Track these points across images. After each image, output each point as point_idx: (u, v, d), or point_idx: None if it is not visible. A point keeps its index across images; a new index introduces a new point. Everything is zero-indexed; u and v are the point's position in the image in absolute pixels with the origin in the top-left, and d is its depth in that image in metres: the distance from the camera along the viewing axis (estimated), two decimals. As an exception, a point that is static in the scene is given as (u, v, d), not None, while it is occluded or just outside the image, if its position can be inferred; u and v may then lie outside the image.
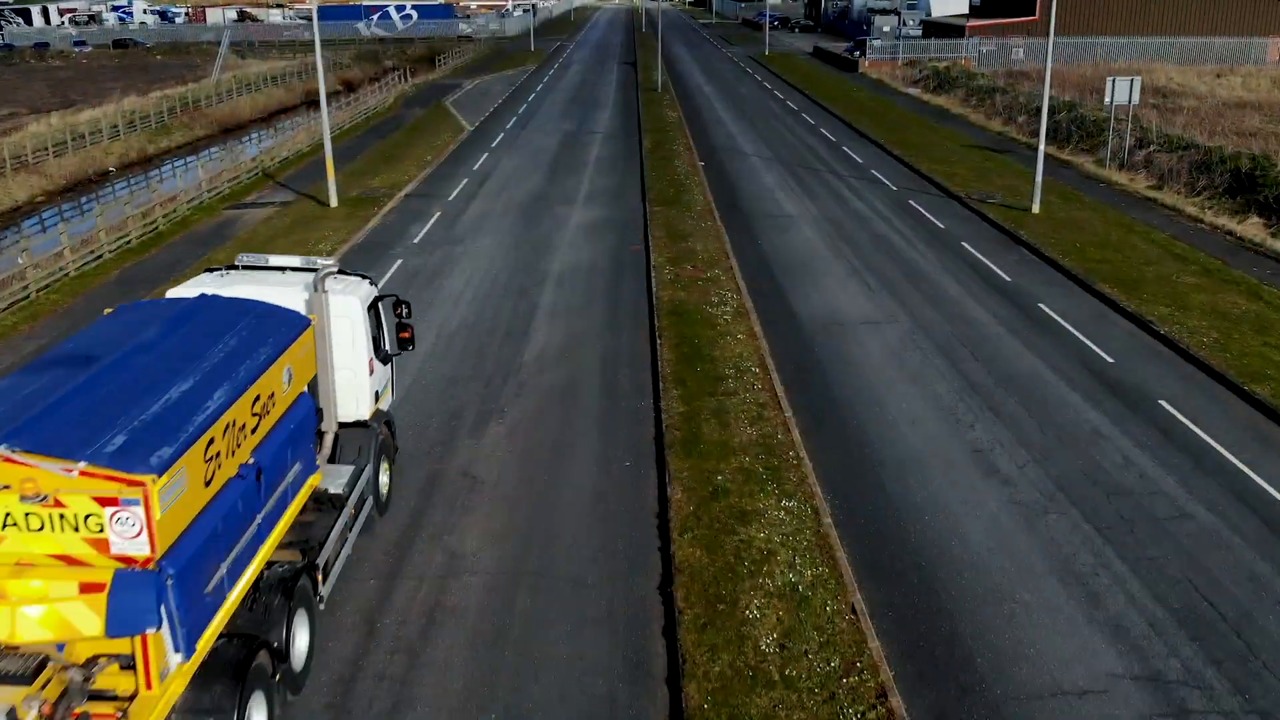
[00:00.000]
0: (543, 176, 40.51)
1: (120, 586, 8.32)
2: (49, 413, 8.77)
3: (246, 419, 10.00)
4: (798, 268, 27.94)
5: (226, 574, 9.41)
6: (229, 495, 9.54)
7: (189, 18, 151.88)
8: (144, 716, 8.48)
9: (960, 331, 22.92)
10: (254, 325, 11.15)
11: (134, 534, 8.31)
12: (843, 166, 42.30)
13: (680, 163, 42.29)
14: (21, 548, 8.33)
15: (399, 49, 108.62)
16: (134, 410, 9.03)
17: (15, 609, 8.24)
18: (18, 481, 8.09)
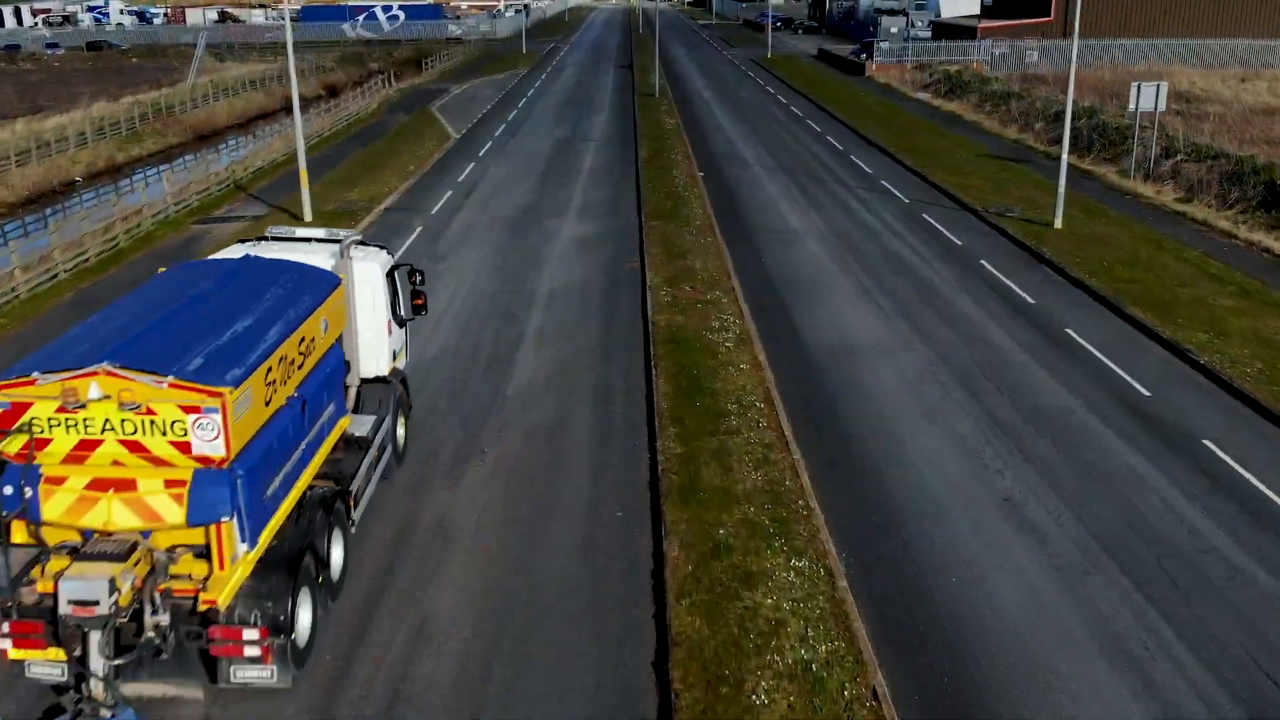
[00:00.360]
0: (532, 187, 39.51)
1: (199, 482, 10.38)
2: (137, 339, 10.99)
3: (295, 355, 12.22)
4: (804, 287, 26.89)
5: (280, 485, 11.51)
6: (282, 419, 11.71)
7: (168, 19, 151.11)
8: (218, 592, 10.51)
9: (982, 359, 21.85)
10: (295, 280, 13.45)
11: (212, 438, 10.39)
12: (851, 176, 41.32)
13: (678, 172, 41.31)
14: (117, 449, 10.42)
15: (385, 51, 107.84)
16: (207, 340, 11.27)
17: (111, 501, 10.36)
18: (117, 392, 10.17)
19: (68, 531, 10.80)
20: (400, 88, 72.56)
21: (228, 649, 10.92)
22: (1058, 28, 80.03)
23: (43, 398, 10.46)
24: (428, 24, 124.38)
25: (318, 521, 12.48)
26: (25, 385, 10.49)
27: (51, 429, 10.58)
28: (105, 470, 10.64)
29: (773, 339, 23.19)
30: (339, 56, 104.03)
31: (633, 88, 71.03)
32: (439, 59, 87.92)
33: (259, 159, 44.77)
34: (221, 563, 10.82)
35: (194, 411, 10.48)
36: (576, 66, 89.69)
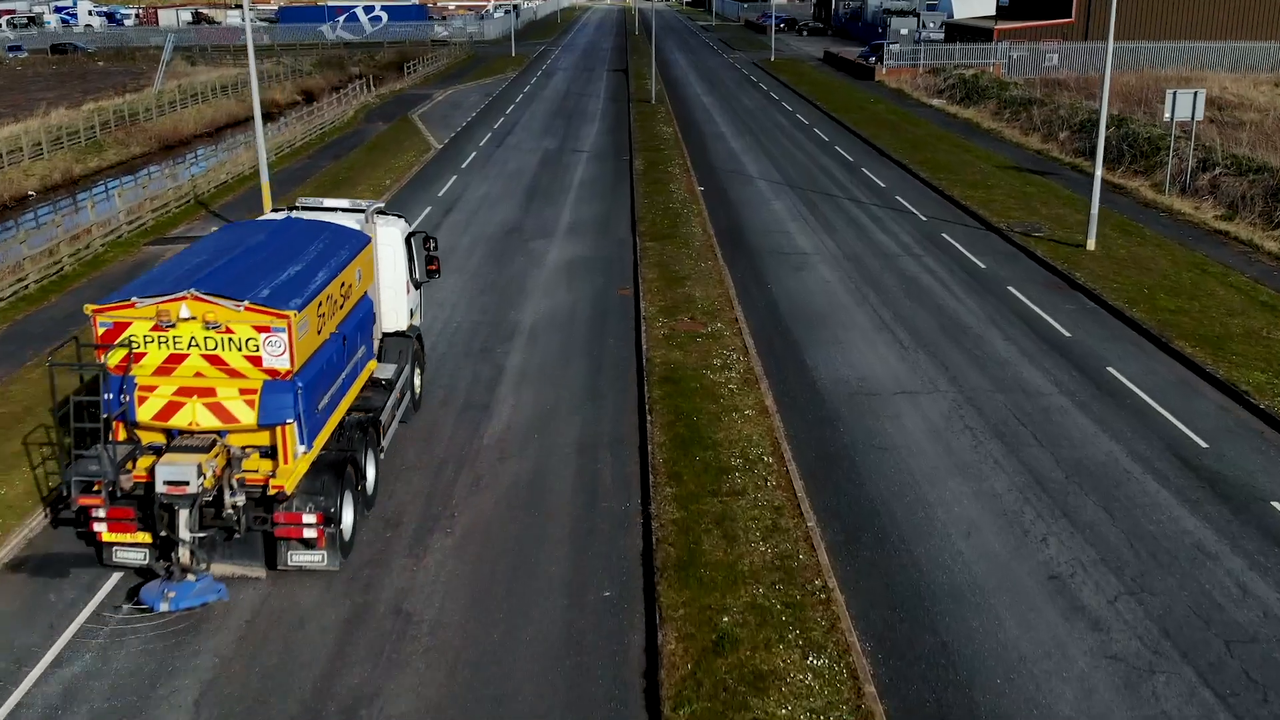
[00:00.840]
0: (518, 204, 38.13)
1: (268, 391, 12.93)
2: (215, 274, 13.62)
3: (337, 296, 14.91)
4: (815, 319, 25.47)
5: (328, 402, 14.21)
6: (328, 348, 14.40)
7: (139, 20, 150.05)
8: (285, 480, 13.18)
9: (1016, 404, 20.41)
10: (333, 236, 16.34)
11: (279, 353, 12.98)
12: (863, 192, 39.98)
13: (676, 187, 39.96)
14: (200, 363, 12.98)
15: (366, 54, 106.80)
16: (270, 277, 13.90)
17: (195, 405, 12.87)
18: (201, 314, 12.74)
19: (155, 434, 13.60)
20: (380, 93, 71.31)
21: (288, 531, 13.69)
22: (1079, 29, 78.94)
23: (139, 318, 13.20)
24: (412, 26, 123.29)
25: (356, 440, 15.34)
26: (126, 308, 13.28)
27: (146, 345, 13.33)
28: (189, 380, 13.37)
29: (781, 379, 21.75)
30: (317, 60, 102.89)
31: (627, 94, 69.82)
32: (422, 63, 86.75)
33: (224, 171, 43.38)
34: (285, 458, 13.53)
35: (265, 331, 13.20)
36: (568, 71, 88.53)
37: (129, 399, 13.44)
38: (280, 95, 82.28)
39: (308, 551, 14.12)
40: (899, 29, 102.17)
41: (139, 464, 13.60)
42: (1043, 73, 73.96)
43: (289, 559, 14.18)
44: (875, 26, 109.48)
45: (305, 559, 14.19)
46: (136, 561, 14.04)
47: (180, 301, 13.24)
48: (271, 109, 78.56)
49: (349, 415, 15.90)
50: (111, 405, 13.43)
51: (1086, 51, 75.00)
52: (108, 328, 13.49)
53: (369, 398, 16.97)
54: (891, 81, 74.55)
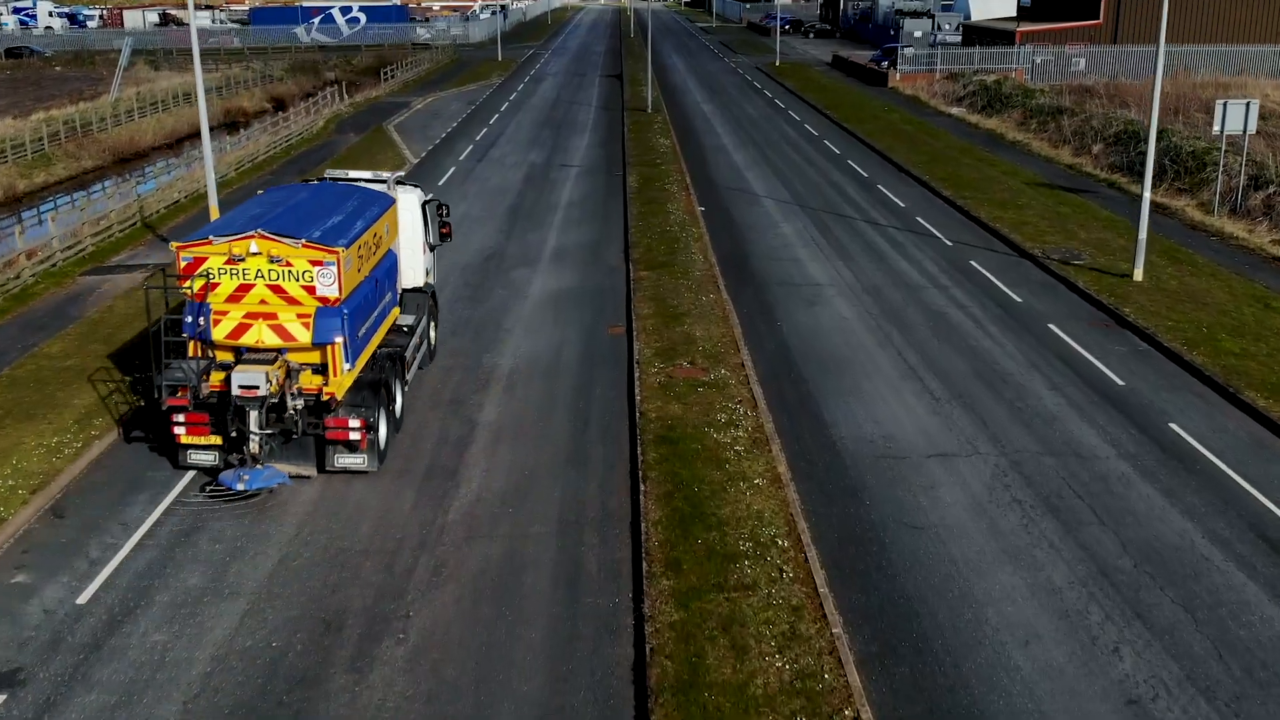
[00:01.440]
0: (498, 227, 36.34)
1: (321, 314, 16.73)
2: (275, 219, 17.36)
3: (371, 244, 18.41)
4: (832, 363, 23.62)
5: (366, 330, 17.79)
6: (365, 286, 17.98)
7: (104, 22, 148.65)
8: (334, 388, 16.94)
9: (1069, 470, 18.55)
10: (364, 196, 20.17)
11: (330, 284, 16.66)
12: (880, 212, 38.21)
13: (674, 207, 38.19)
14: (264, 291, 16.69)
15: (343, 58, 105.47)
16: (319, 222, 17.65)
17: (261, 326, 16.69)
18: (267, 250, 16.45)
19: (225, 354, 17.02)
20: (354, 101, 69.64)
21: (337, 434, 17.01)
22: (1106, 31, 77.50)
23: (215, 254, 16.57)
24: (392, 27, 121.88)
25: (387, 368, 18.75)
26: (204, 245, 16.73)
27: (220, 276, 16.67)
28: (256, 306, 16.75)
29: (795, 439, 19.88)
30: (290, 64, 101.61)
31: (621, 102, 68.20)
32: (401, 67, 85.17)
33: (178, 189, 41.52)
34: (335, 371, 16.91)
35: (318, 264, 16.54)
36: (558, 77, 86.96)
37: (205, 322, 17.09)
38: (249, 103, 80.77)
39: (351, 454, 17.74)
40: (912, 31, 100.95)
41: (213, 377, 17.23)
42: (1068, 78, 72.50)
43: (335, 461, 17.80)
44: (887, 28, 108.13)
45: (349, 461, 17.79)
46: (207, 463, 17.80)
47: (250, 239, 16.85)
48: (239, 118, 77.20)
49: (380, 349, 19.57)
50: (191, 327, 17.17)
51: (1115, 55, 73.56)
52: (189, 261, 17.17)
53: (394, 339, 20.40)
54: (906, 88, 73.01)
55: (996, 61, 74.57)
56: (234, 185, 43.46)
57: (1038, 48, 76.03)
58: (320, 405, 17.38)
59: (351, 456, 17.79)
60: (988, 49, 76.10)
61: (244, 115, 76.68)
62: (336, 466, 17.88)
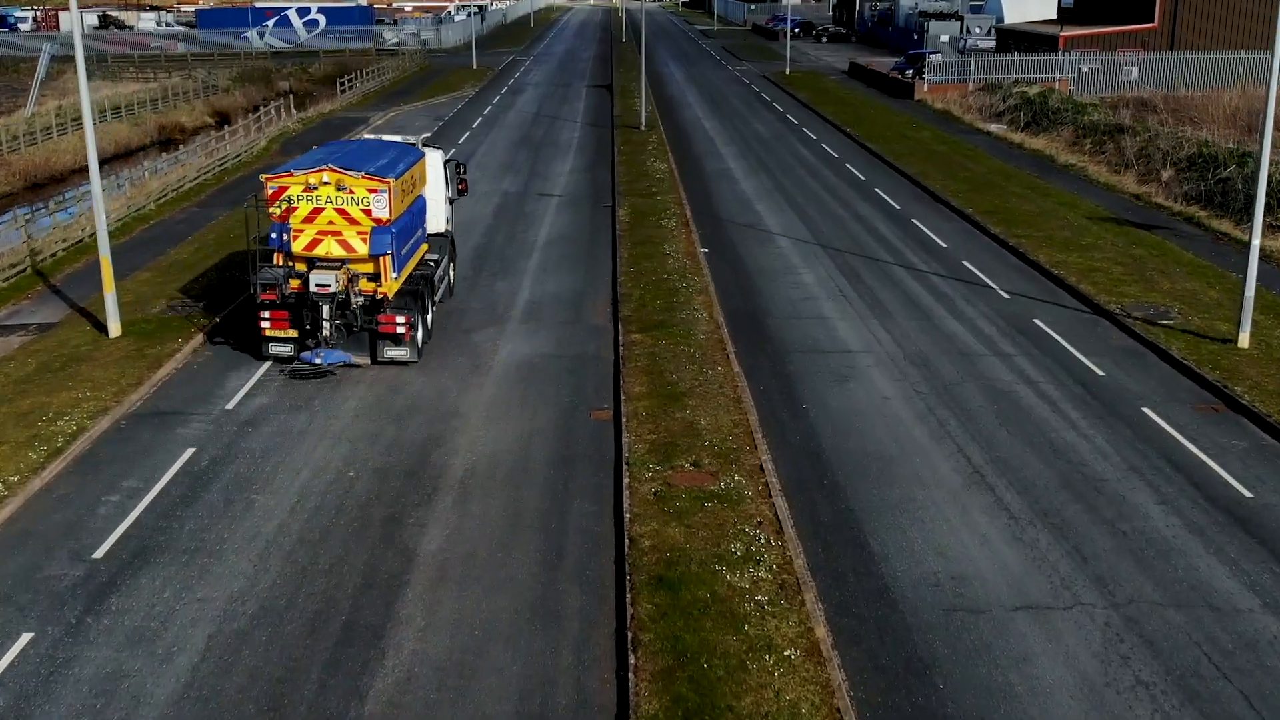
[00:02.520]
0: (460, 275, 33.01)
1: (376, 232, 22.99)
2: (340, 158, 23.99)
3: (408, 183, 25.10)
4: (876, 465, 20.25)
5: (406, 251, 24.61)
6: (405, 217, 24.59)
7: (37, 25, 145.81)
8: (387, 288, 23.40)
9: (1204, 631, 15.15)
10: (402, 148, 27.16)
11: (383, 208, 22.80)
12: (918, 254, 34.97)
13: (673, 248, 34.93)
14: (332, 214, 22.96)
15: (299, 66, 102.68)
16: (372, 161, 24.30)
17: (330, 240, 23.00)
18: (335, 180, 22.63)
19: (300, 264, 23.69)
20: (305, 117, 66.49)
21: (387, 328, 23.85)
22: (1162, 36, 74.79)
23: (294, 183, 23.23)
24: (355, 31, 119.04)
25: (421, 285, 25.54)
26: (287, 177, 23.39)
27: (297, 201, 23.26)
28: (325, 225, 23.44)
29: (836, 583, 16.47)
30: (238, 73, 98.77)
31: (611, 118, 65.14)
32: (363, 77, 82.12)
33: (83, 227, 38.03)
34: (385, 278, 23.63)
35: (374, 192, 23.15)
36: (540, 87, 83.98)
37: (287, 237, 23.34)
38: (187, 118, 77.81)
39: (397, 347, 24.31)
40: (939, 35, 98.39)
41: (292, 282, 23.48)
42: (1119, 89, 69.77)
43: (383, 353, 24.41)
44: (909, 32, 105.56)
45: (395, 353, 24.40)
46: (285, 352, 24.23)
47: (322, 172, 23.06)
48: (175, 134, 74.10)
49: (415, 271, 25.96)
50: (276, 241, 23.46)
51: (1174, 63, 70.78)
52: (274, 190, 23.33)
53: (424, 268, 26.65)
54: (935, 101, 70.13)
55: (1038, 70, 71.77)
56: (151, 219, 40.20)
57: (1084, 54, 73.30)
58: (374, 304, 24.08)
59: (397, 349, 24.61)
60: (1027, 56, 73.29)
61: (181, 132, 73.65)
62: (385, 358, 24.73)
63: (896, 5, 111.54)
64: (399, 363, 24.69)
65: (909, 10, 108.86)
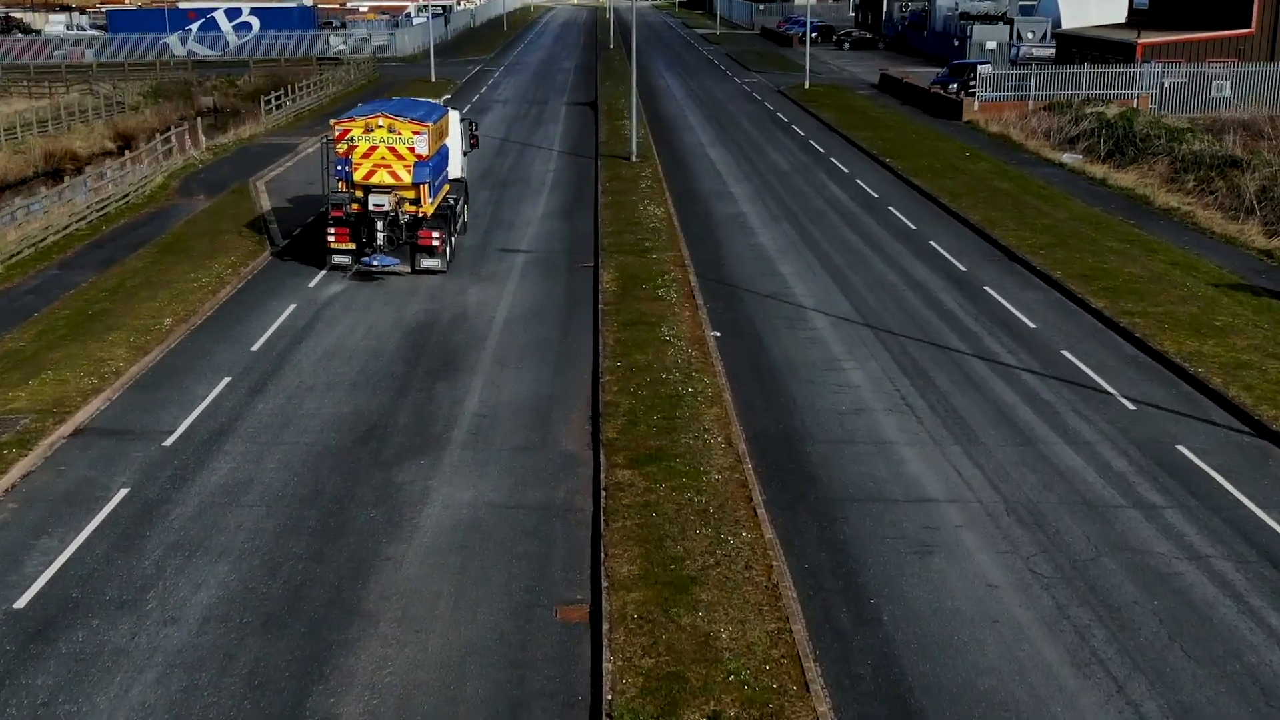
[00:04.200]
0: (387, 373, 27.77)
1: (418, 165, 34.23)
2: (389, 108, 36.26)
3: (438, 131, 36.56)
4: (993, 715, 14.85)
5: (438, 183, 36.38)
6: (436, 158, 35.97)
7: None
8: (426, 209, 34.73)
9: None
10: (431, 104, 39.93)
11: (423, 146, 34.10)
12: (1001, 339, 29.83)
13: (673, 331, 29.77)
14: (385, 150, 33.98)
15: (226, 78, 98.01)
16: (414, 111, 36.33)
17: (383, 171, 34.02)
18: (387, 124, 33.90)
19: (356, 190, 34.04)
20: (217, 144, 61.35)
21: (425, 241, 34.37)
22: (1260, 44, 70.23)
23: (356, 126, 33.84)
24: (295, 36, 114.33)
25: (448, 212, 36.35)
26: (349, 122, 34.17)
27: (357, 141, 33.72)
28: (379, 160, 33.86)
29: None
30: (153, 86, 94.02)
31: (595, 144, 60.19)
32: (297, 93, 77.10)
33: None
34: (424, 202, 34.19)
35: (417, 134, 33.77)
36: (510, 105, 79.11)
37: (349, 169, 33.97)
38: (83, 143, 72.99)
39: (431, 258, 34.86)
40: (984, 42, 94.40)
41: (353, 205, 34.12)
42: (1210, 108, 65.20)
43: (420, 263, 34.96)
44: (949, 37, 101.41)
45: (429, 263, 34.96)
46: (344, 261, 34.83)
47: (379, 117, 33.87)
48: (65, 164, 69.01)
49: (443, 203, 36.86)
50: (341, 172, 34.28)
51: (1276, 77, 66.10)
52: (340, 131, 34.00)
53: (447, 202, 37.51)
54: (989, 122, 65.45)
55: (1110, 84, 67.21)
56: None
57: (1167, 65, 68.67)
58: (415, 222, 34.52)
59: (431, 260, 34.91)
60: (1099, 67, 68.62)
61: (74, 160, 68.68)
62: (421, 268, 35.04)
63: (933, 6, 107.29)
64: (433, 272, 35.30)
65: (948, 12, 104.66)
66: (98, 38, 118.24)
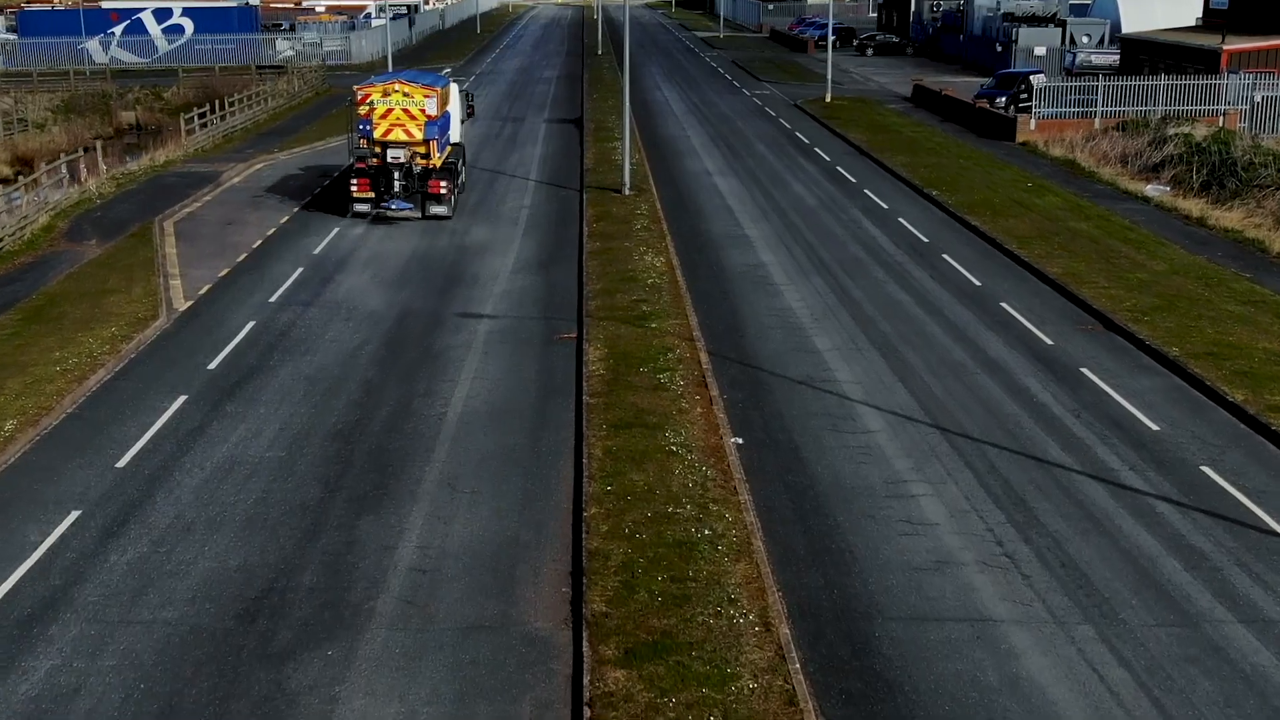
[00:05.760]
0: (298, 502, 22.79)
1: (428, 124, 45.50)
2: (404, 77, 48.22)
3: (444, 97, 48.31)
4: None
5: (443, 141, 48.15)
6: (443, 120, 47.97)
7: None
8: (435, 161, 46.21)
9: None
10: (437, 76, 54.09)
11: (433, 108, 45.66)
12: (1110, 440, 25.13)
13: (679, 438, 25.00)
14: (400, 112, 45.28)
15: (153, 89, 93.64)
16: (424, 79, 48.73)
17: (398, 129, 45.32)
18: (403, 89, 45.22)
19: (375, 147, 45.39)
20: (126, 171, 56.52)
21: (434, 189, 45.42)
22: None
23: (375, 91, 45.19)
24: (234, 41, 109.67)
25: (453, 167, 48.27)
26: (370, 87, 45.58)
27: (377, 104, 44.94)
28: (395, 120, 45.13)
29: None
30: (65, 99, 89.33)
31: (580, 173, 55.51)
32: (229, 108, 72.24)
33: None
34: (433, 156, 45.73)
35: (428, 97, 45.13)
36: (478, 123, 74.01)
37: (369, 127, 44.65)
38: (-28, 170, 68.06)
39: (439, 205, 45.28)
40: (1031, 47, 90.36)
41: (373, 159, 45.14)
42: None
43: (429, 209, 45.27)
44: (989, 41, 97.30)
45: (437, 209, 45.28)
46: (364, 210, 45.30)
47: (395, 83, 44.99)
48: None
49: (447, 160, 47.61)
50: (363, 131, 45.03)
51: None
52: (361, 95, 44.91)
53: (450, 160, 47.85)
54: (1049, 144, 60.89)
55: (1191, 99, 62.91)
56: None
57: (1259, 76, 64.27)
58: (426, 173, 44.96)
59: (439, 206, 45.18)
60: (1176, 78, 64.22)
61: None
62: (430, 213, 45.21)
63: (970, 6, 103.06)
64: (440, 217, 45.15)
65: (987, 12, 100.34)
66: (10, 42, 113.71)
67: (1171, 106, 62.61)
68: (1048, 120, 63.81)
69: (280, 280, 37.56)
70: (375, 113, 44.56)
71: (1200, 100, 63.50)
